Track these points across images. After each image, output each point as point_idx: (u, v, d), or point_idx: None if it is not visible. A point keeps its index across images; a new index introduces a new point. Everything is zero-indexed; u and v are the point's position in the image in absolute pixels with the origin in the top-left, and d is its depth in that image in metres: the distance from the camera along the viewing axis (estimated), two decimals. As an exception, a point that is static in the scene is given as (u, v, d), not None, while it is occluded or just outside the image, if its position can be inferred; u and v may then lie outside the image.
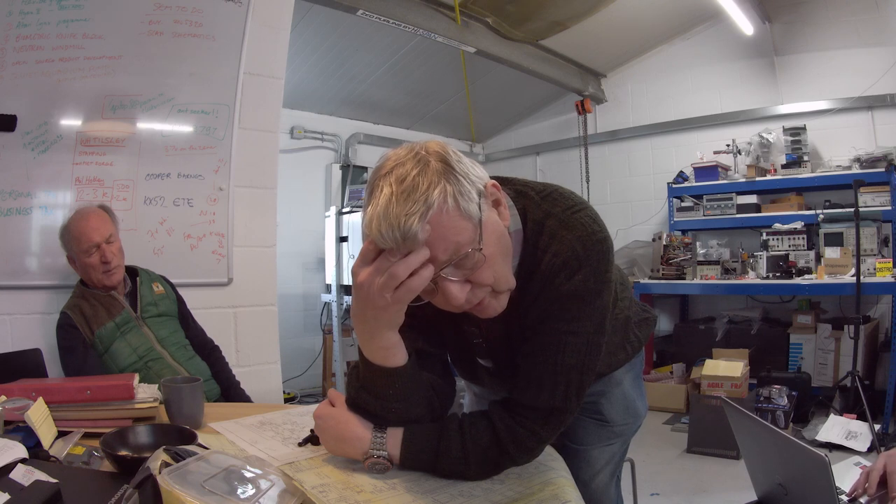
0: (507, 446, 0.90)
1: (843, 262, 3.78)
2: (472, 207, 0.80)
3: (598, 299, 0.91)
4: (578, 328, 0.91)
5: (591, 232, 0.90)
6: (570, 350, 0.91)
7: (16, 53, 2.00)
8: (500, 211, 0.87)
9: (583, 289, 0.89)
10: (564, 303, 0.90)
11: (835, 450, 3.05)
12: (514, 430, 0.91)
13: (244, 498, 0.75)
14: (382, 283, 0.80)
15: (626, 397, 1.33)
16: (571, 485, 0.93)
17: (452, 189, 0.79)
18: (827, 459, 1.01)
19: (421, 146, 0.83)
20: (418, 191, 0.77)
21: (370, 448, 0.91)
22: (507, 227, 0.88)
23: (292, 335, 4.36)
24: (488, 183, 0.86)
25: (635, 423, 1.37)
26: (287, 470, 0.89)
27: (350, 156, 4.85)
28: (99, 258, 1.91)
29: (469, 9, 4.02)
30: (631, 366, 1.34)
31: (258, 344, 2.56)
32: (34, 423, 0.99)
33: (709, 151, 4.77)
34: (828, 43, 4.36)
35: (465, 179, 0.81)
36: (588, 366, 0.93)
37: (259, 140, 2.55)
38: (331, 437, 0.95)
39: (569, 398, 0.92)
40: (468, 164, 0.84)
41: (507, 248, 0.88)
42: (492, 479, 0.91)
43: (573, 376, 0.92)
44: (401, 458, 0.92)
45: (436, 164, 0.80)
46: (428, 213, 0.76)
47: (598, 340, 0.93)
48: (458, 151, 0.85)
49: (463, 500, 0.84)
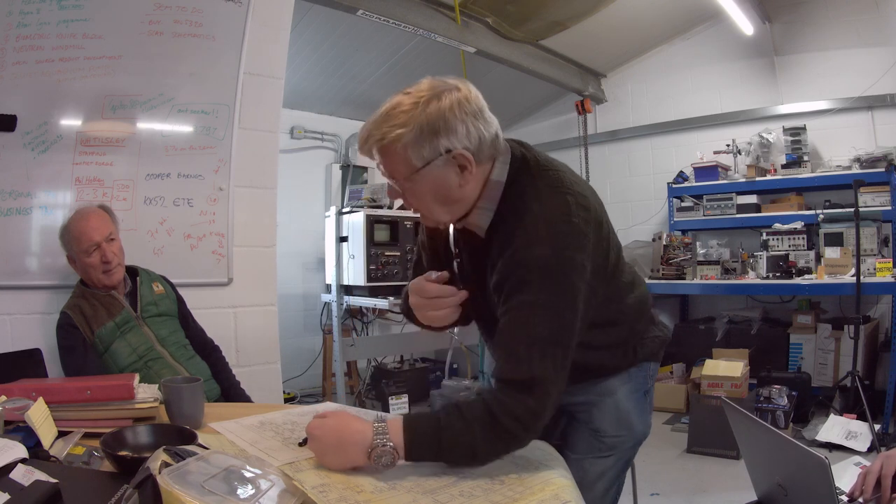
0: (501, 418, 0.94)
1: (843, 262, 3.78)
2: (416, 157, 0.97)
3: (563, 277, 0.98)
4: (545, 301, 0.97)
5: (560, 213, 1.00)
6: (539, 322, 0.97)
7: (16, 53, 2.00)
8: (464, 174, 1.01)
9: (543, 263, 0.97)
10: (526, 273, 0.98)
11: (835, 450, 3.05)
12: (504, 402, 0.95)
13: (244, 498, 0.75)
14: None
15: (619, 409, 1.27)
16: (572, 485, 0.93)
17: (411, 137, 0.95)
18: (826, 461, 1.01)
19: (449, 88, 0.98)
20: (389, 122, 0.96)
21: (374, 437, 0.91)
22: (461, 185, 1.01)
23: (292, 335, 4.36)
24: (462, 152, 0.98)
25: (629, 437, 1.29)
26: (287, 470, 0.89)
27: (350, 156, 4.85)
28: (99, 258, 1.91)
29: (469, 9, 4.02)
30: (629, 377, 1.28)
31: (258, 344, 2.56)
32: (34, 423, 0.99)
33: (709, 151, 4.77)
34: (828, 43, 4.36)
35: (438, 136, 0.96)
36: (561, 340, 0.98)
37: (259, 140, 2.55)
38: (331, 444, 0.93)
39: (546, 367, 0.96)
40: (466, 126, 0.97)
41: (443, 197, 1.02)
42: (492, 479, 0.91)
43: (547, 348, 0.97)
44: (405, 442, 0.92)
45: (430, 110, 0.95)
46: (381, 142, 0.97)
47: (567, 317, 0.98)
48: (475, 107, 0.98)
49: (463, 500, 0.84)
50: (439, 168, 0.99)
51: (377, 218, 3.65)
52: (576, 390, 1.25)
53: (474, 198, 1.06)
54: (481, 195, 1.06)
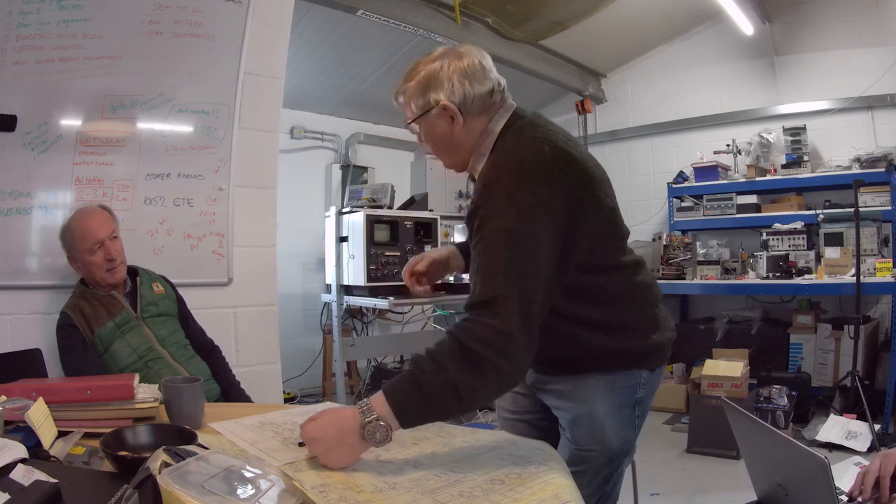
0: (469, 344, 0.96)
1: (843, 262, 3.78)
2: (416, 107, 1.18)
3: (527, 207, 1.02)
4: (508, 226, 1.02)
5: (532, 153, 1.08)
6: (502, 246, 1.02)
7: (16, 53, 2.00)
8: (454, 123, 1.17)
9: (507, 192, 1.04)
10: (492, 202, 1.05)
11: (835, 450, 3.05)
12: (468, 328, 0.98)
13: (244, 498, 0.75)
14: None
15: (595, 422, 1.21)
16: (571, 485, 0.93)
17: (412, 92, 1.18)
18: (826, 461, 1.01)
19: (449, 53, 1.18)
20: (404, 81, 1.21)
21: (360, 415, 0.94)
22: (454, 133, 1.18)
23: (292, 335, 4.36)
24: (447, 104, 1.15)
25: (602, 454, 1.22)
26: (287, 470, 0.89)
27: (350, 156, 4.85)
28: (103, 255, 1.91)
29: (469, 9, 4.02)
30: (612, 386, 1.22)
31: (258, 344, 2.56)
32: (34, 423, 0.99)
33: (709, 151, 4.77)
34: (828, 43, 4.36)
35: (429, 90, 1.16)
36: (525, 268, 1.01)
37: (259, 140, 2.55)
38: (332, 438, 0.94)
39: (509, 288, 0.99)
40: (452, 83, 1.14)
41: (443, 143, 1.21)
42: (492, 479, 0.91)
43: (510, 271, 1.00)
44: (392, 409, 0.94)
45: (427, 70, 1.17)
46: (398, 96, 1.23)
47: (530, 246, 1.02)
48: (466, 69, 1.15)
49: (463, 500, 0.84)
50: (434, 117, 1.18)
51: (377, 218, 3.65)
52: (555, 384, 1.26)
53: (469, 145, 1.20)
54: (478, 143, 1.19)
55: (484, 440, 1.10)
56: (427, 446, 1.06)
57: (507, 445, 1.07)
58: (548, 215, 1.04)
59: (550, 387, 1.29)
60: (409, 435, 1.12)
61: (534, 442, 1.12)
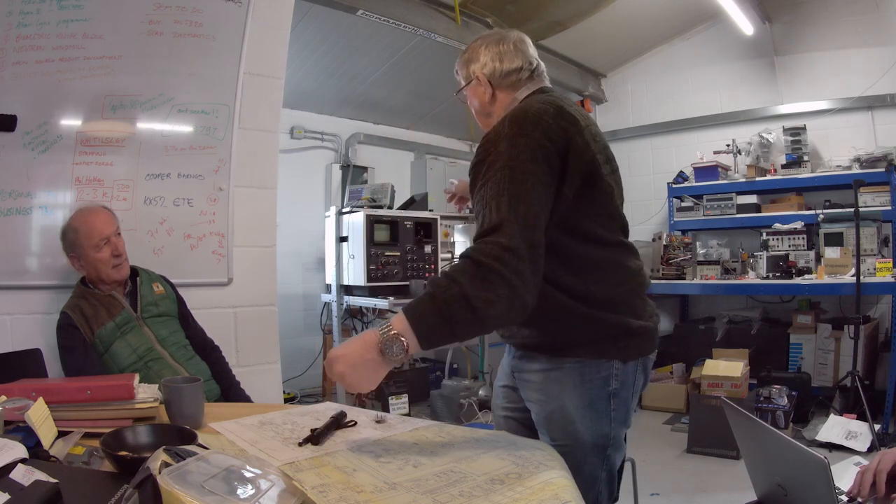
0: (479, 258, 1.03)
1: (843, 262, 3.78)
2: (462, 77, 1.43)
3: (524, 146, 1.13)
4: (506, 163, 1.12)
5: (533, 106, 1.20)
6: (502, 179, 1.11)
7: (16, 53, 2.00)
8: (485, 91, 1.37)
9: (500, 130, 1.17)
10: (493, 146, 1.16)
11: (835, 450, 3.06)
12: (478, 248, 1.06)
13: (244, 498, 0.75)
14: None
15: (565, 416, 1.22)
16: (572, 485, 0.93)
17: (461, 63, 1.42)
18: (826, 461, 1.01)
19: (500, 37, 1.37)
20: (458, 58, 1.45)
21: (380, 332, 1.00)
22: (488, 101, 1.38)
23: (292, 335, 4.36)
24: (480, 75, 1.37)
25: (575, 448, 1.20)
26: (287, 470, 0.89)
27: (350, 156, 4.84)
28: (110, 252, 1.92)
29: (469, 9, 4.02)
30: (581, 379, 1.21)
31: (258, 344, 2.56)
32: (34, 423, 0.99)
33: (709, 151, 4.77)
34: (828, 43, 4.36)
35: (470, 63, 1.38)
36: (524, 198, 1.09)
37: (259, 140, 2.55)
38: (354, 352, 1.01)
39: (512, 214, 1.07)
40: (486, 59, 1.35)
41: (481, 109, 1.41)
42: (492, 479, 0.91)
43: (511, 200, 1.08)
44: (410, 324, 1.00)
45: (475, 48, 1.38)
46: (456, 69, 1.46)
47: (529, 181, 1.11)
48: (500, 50, 1.35)
49: (463, 500, 0.84)
50: (473, 86, 1.39)
51: (377, 218, 3.65)
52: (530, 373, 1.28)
53: (499, 113, 1.34)
54: (504, 110, 1.32)
55: (484, 440, 1.10)
56: (427, 446, 1.06)
57: (507, 445, 1.07)
58: (545, 159, 1.14)
59: (527, 376, 1.31)
60: (409, 435, 1.13)
61: (534, 442, 1.12)
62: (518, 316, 1.07)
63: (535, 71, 1.36)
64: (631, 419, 1.30)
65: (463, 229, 4.39)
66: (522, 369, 1.32)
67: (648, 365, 1.31)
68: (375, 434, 1.13)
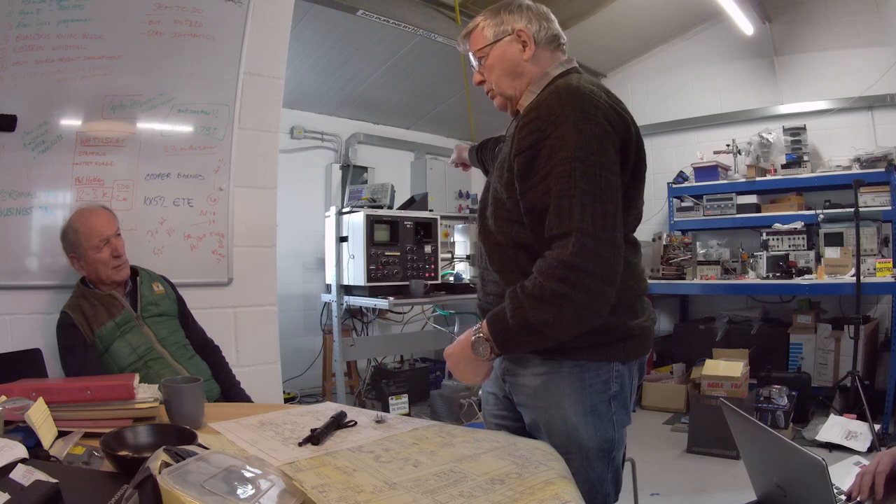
0: (543, 281, 1.05)
1: (843, 262, 3.78)
2: (490, 33, 1.28)
3: (587, 129, 1.07)
4: (581, 156, 1.06)
5: (582, 88, 1.12)
6: (578, 175, 1.05)
7: (16, 53, 2.00)
8: (526, 50, 1.26)
9: (560, 110, 1.09)
10: (546, 117, 1.10)
11: (835, 450, 3.06)
12: (542, 267, 1.06)
13: (244, 498, 0.75)
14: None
15: (568, 424, 1.17)
16: (572, 485, 0.93)
17: (490, 21, 1.28)
18: (824, 463, 1.01)
19: (531, 4, 1.29)
20: (482, 13, 1.31)
21: (473, 332, 1.14)
22: (524, 59, 1.25)
23: (292, 335, 4.36)
24: (523, 29, 1.26)
25: (578, 456, 1.16)
26: (287, 470, 0.89)
27: (350, 156, 4.85)
28: (109, 252, 1.92)
29: (469, 9, 4.02)
30: (580, 383, 1.17)
31: (258, 344, 2.56)
32: (34, 423, 0.99)
33: (709, 151, 4.77)
34: (828, 43, 4.36)
35: (507, 20, 1.26)
36: (600, 195, 1.05)
37: (259, 140, 2.55)
38: (458, 351, 1.17)
39: (585, 220, 1.04)
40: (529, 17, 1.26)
41: (509, 69, 1.27)
42: (492, 479, 0.91)
43: (586, 199, 1.04)
44: (489, 328, 1.11)
45: (512, 3, 1.28)
46: (469, 30, 1.33)
47: (604, 176, 1.06)
48: (540, 13, 1.28)
49: (463, 500, 0.84)
50: (507, 43, 1.26)
51: (377, 218, 3.65)
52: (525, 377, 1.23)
53: (531, 76, 1.26)
54: (534, 80, 1.26)
55: (484, 440, 1.10)
56: (427, 446, 1.06)
57: (507, 445, 1.07)
58: (612, 147, 1.09)
59: (520, 380, 1.24)
60: (410, 435, 1.12)
61: (534, 442, 1.12)
62: (592, 321, 1.08)
63: (565, 47, 1.31)
64: (630, 416, 1.27)
65: (463, 229, 4.39)
66: (515, 373, 1.25)
67: (644, 363, 1.29)
68: (375, 434, 1.13)
